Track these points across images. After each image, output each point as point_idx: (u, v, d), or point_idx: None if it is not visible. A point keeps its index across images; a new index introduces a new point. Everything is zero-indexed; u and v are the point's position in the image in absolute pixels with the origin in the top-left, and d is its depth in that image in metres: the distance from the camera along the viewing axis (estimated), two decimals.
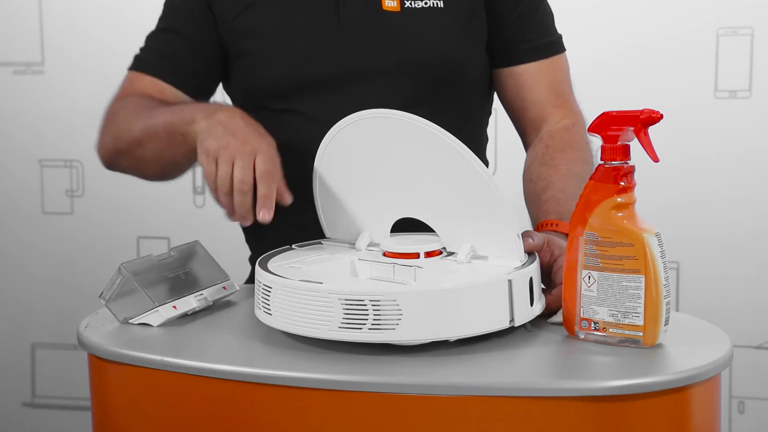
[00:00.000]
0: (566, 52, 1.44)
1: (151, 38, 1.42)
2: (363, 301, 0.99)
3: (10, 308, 2.59)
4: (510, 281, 1.01)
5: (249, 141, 1.14)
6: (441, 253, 1.11)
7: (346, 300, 0.99)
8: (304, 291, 1.02)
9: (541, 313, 1.08)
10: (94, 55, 2.45)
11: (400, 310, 0.98)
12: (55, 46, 2.48)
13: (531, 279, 1.04)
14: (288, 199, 1.15)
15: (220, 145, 1.13)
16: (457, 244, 1.11)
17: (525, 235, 1.09)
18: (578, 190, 1.08)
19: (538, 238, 1.11)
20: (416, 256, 1.09)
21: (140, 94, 1.36)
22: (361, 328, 0.99)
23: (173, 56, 1.38)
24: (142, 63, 1.41)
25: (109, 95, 1.41)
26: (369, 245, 1.17)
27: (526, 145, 1.43)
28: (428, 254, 1.10)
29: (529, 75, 1.40)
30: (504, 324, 1.02)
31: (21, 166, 2.53)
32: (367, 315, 0.99)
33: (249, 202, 1.12)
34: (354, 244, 1.19)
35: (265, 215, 1.11)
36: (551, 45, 1.42)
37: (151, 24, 1.43)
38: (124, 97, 1.38)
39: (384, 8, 1.34)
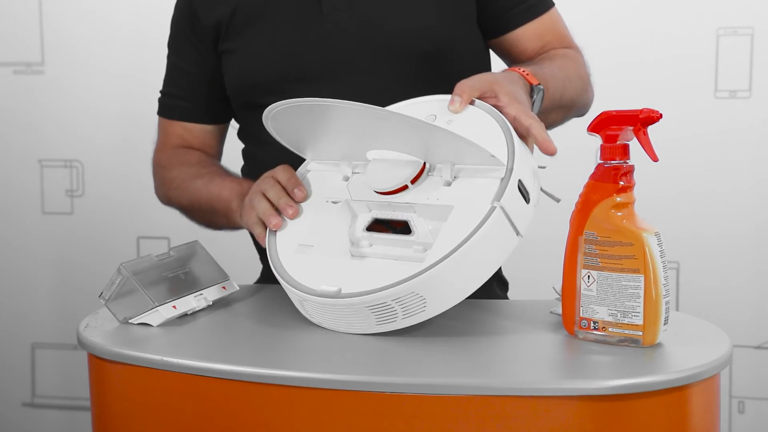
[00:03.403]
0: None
1: (167, 80, 1.52)
2: (387, 302, 1.03)
3: (10, 308, 2.59)
4: (502, 208, 1.02)
5: (266, 174, 1.22)
6: (425, 169, 1.11)
7: (371, 306, 1.03)
8: (329, 305, 1.06)
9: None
10: (94, 55, 2.45)
11: (423, 297, 1.02)
12: (55, 46, 2.48)
13: (519, 182, 1.04)
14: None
15: (248, 200, 1.23)
16: (438, 158, 1.10)
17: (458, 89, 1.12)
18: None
19: (479, 81, 1.13)
20: (405, 187, 1.10)
21: (180, 145, 1.49)
22: (395, 320, 1.04)
23: (189, 97, 1.49)
24: (166, 110, 1.52)
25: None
26: (353, 169, 1.17)
27: None
28: (414, 179, 1.10)
29: (528, 35, 1.41)
30: (514, 242, 1.04)
31: (21, 166, 2.53)
32: (396, 311, 1.03)
33: (280, 191, 1.18)
34: (334, 162, 1.19)
35: (299, 194, 1.18)
36: (542, 2, 1.43)
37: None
38: (164, 149, 1.50)
39: None
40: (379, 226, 1.14)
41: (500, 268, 1.47)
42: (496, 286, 1.44)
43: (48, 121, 2.50)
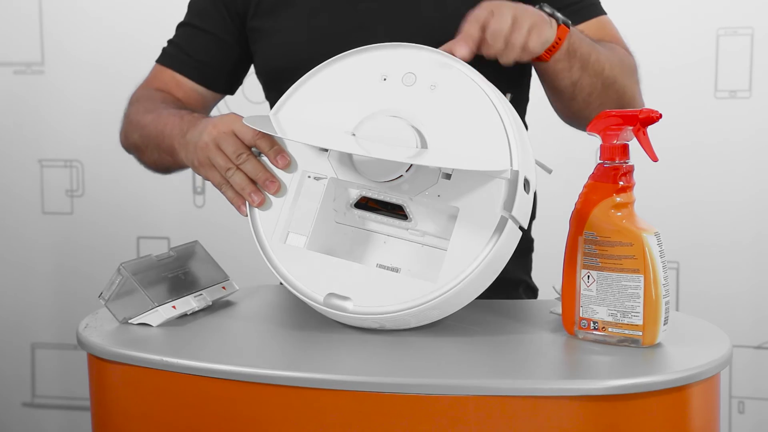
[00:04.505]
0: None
1: (177, 32, 1.49)
2: (403, 318, 1.04)
3: (10, 308, 2.59)
4: (513, 217, 1.01)
5: (217, 125, 1.16)
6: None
7: (389, 319, 1.04)
8: (344, 316, 1.06)
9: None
10: (94, 55, 2.45)
11: (440, 310, 1.04)
12: (55, 46, 2.48)
13: (525, 178, 1.03)
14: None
15: (205, 156, 1.16)
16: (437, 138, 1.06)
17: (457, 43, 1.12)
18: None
19: (468, 35, 1.13)
20: (400, 176, 1.06)
21: (160, 88, 1.44)
22: (408, 325, 1.07)
23: (193, 52, 1.45)
24: (164, 57, 1.48)
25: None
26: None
27: None
28: (409, 167, 1.06)
29: None
30: (517, 238, 1.04)
31: (21, 166, 2.53)
32: (411, 321, 1.05)
33: (258, 165, 1.12)
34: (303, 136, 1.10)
35: (280, 162, 1.12)
36: (592, 6, 1.38)
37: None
38: (144, 87, 1.46)
39: None
40: (368, 198, 1.10)
41: (530, 276, 1.46)
42: (522, 293, 1.42)
43: (48, 121, 2.50)
